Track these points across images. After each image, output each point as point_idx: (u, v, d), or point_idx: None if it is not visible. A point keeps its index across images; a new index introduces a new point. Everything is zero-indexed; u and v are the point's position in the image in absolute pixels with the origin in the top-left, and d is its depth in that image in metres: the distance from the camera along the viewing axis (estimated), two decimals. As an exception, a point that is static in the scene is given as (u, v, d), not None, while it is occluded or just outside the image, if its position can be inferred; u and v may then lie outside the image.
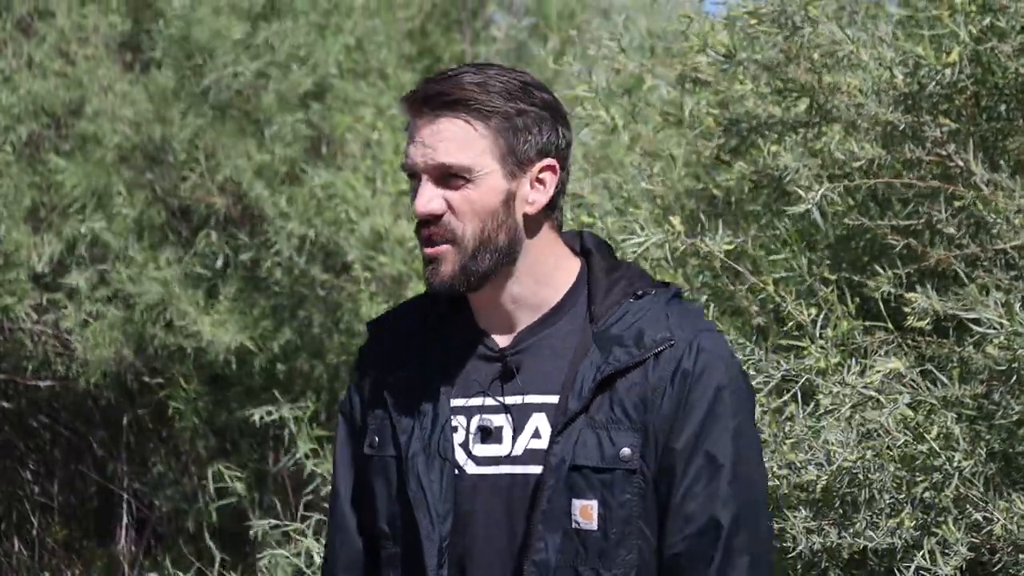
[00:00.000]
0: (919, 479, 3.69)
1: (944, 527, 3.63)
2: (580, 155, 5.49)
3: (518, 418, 2.63)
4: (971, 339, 3.79)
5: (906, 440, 3.70)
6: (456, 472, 2.64)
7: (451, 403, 2.66)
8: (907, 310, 3.85)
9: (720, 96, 4.60)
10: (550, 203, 2.66)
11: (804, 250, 4.22)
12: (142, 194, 7.27)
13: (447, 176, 2.61)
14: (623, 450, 2.59)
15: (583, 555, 2.59)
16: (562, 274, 2.69)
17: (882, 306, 3.99)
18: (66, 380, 7.60)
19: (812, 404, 3.80)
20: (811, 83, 4.28)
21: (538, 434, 2.62)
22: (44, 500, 8.13)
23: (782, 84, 4.38)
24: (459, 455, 2.65)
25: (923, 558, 3.61)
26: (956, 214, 4.05)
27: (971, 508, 3.67)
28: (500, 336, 2.68)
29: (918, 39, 4.17)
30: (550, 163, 2.65)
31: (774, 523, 3.72)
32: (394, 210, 6.85)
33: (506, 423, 2.64)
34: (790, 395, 3.82)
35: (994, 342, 3.65)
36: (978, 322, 3.67)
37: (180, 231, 7.43)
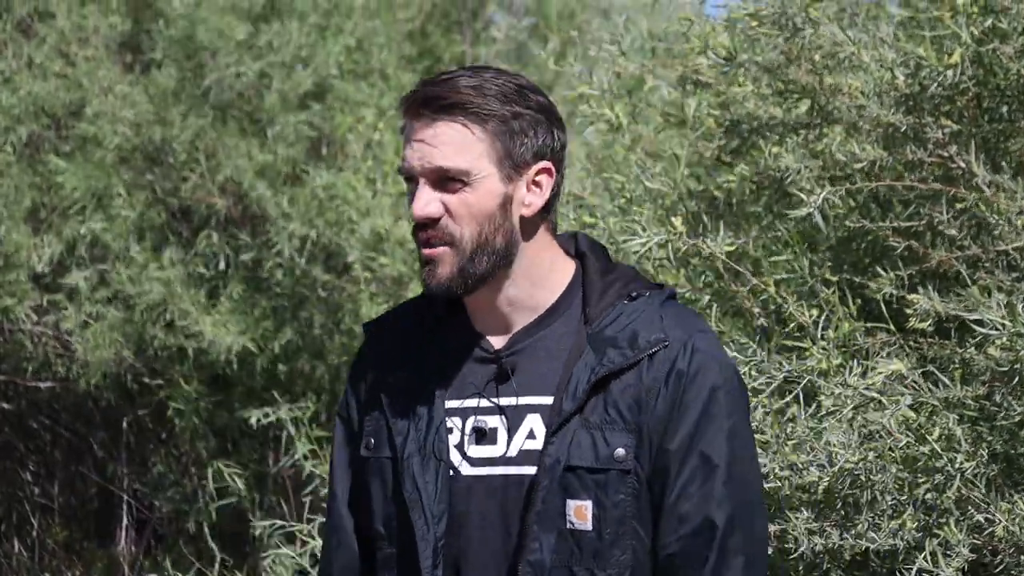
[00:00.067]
0: (921, 480, 3.69)
1: (946, 528, 3.63)
2: (583, 155, 5.50)
3: (513, 419, 2.64)
4: (973, 340, 3.79)
5: (908, 441, 3.70)
6: (451, 473, 2.65)
7: (446, 404, 2.67)
8: (909, 311, 3.85)
9: (721, 98, 4.60)
10: (546, 206, 2.67)
11: (806, 251, 4.22)
12: (142, 195, 7.26)
13: (444, 179, 2.62)
14: (617, 451, 2.59)
15: (578, 555, 2.60)
16: (557, 276, 2.69)
17: (884, 307, 3.99)
18: (66, 381, 7.59)
19: (814, 405, 3.80)
20: (812, 84, 4.28)
21: (533, 435, 2.63)
22: (44, 501, 8.13)
23: (783, 86, 4.38)
24: (454, 456, 2.65)
25: (925, 559, 3.61)
26: (958, 216, 4.05)
27: (973, 509, 3.67)
28: (495, 338, 2.69)
29: (919, 40, 4.17)
30: (546, 166, 2.66)
31: (773, 524, 3.73)
32: (395, 211, 6.85)
33: (501, 424, 2.65)
34: (792, 396, 3.82)
35: (996, 343, 3.65)
36: (980, 323, 3.67)
37: (180, 232, 7.43)
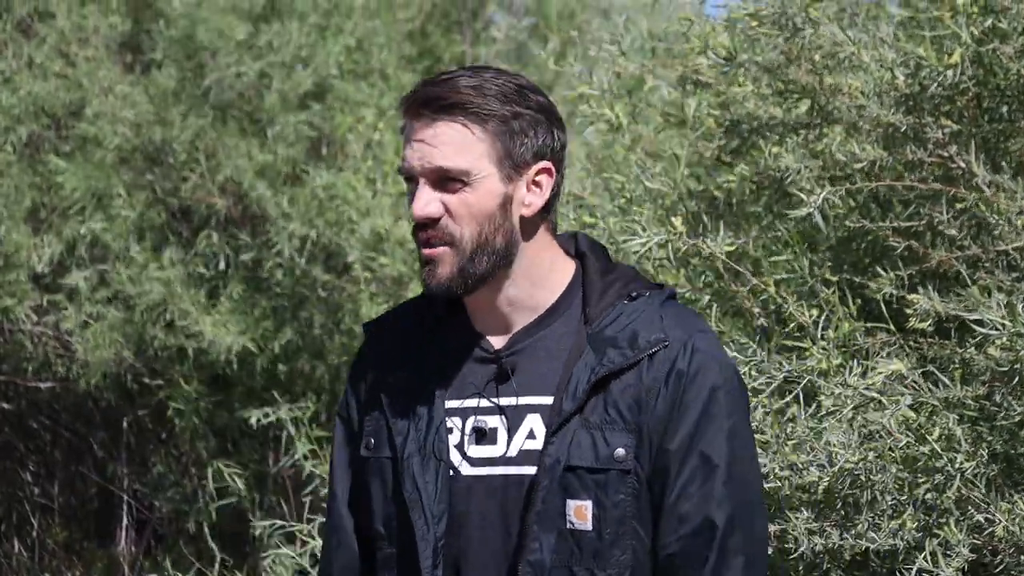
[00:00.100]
0: (921, 480, 3.69)
1: (946, 528, 3.63)
2: (583, 155, 5.49)
3: (512, 419, 2.64)
4: (973, 340, 3.79)
5: (908, 441, 3.70)
6: (451, 473, 2.65)
7: (446, 404, 2.67)
8: (909, 311, 3.85)
9: (721, 98, 4.60)
10: (546, 206, 2.67)
11: (805, 251, 4.22)
12: (142, 195, 7.26)
13: (444, 179, 2.62)
14: (617, 450, 2.59)
15: (578, 555, 2.60)
16: (557, 276, 2.69)
17: (884, 307, 3.99)
18: (66, 381, 7.59)
19: (814, 405, 3.80)
20: (812, 84, 4.28)
21: (533, 435, 2.63)
22: (44, 501, 8.13)
23: (783, 86, 4.38)
24: (454, 456, 2.65)
25: (925, 560, 3.61)
26: (958, 216, 4.05)
27: (973, 509, 3.67)
28: (495, 338, 2.69)
29: (919, 40, 4.16)
30: (546, 166, 2.66)
31: (773, 524, 3.73)
32: (395, 211, 6.85)
33: (501, 424, 2.65)
34: (792, 396, 3.82)
35: (996, 343, 3.65)
36: (981, 323, 3.67)
37: (180, 232, 7.43)
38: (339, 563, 2.77)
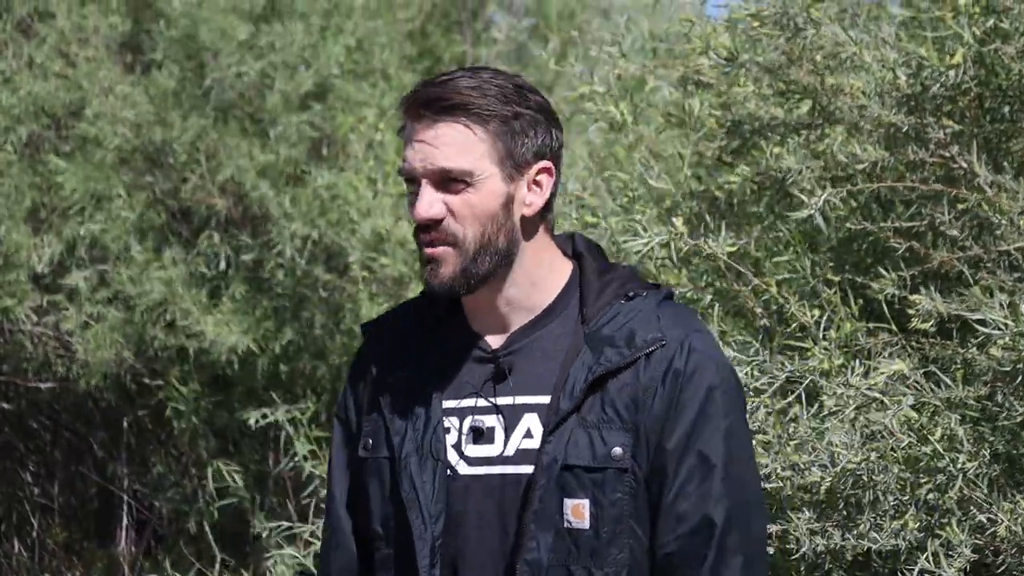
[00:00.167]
0: (923, 481, 3.69)
1: (948, 529, 3.63)
2: (586, 154, 5.49)
3: (510, 418, 2.64)
4: (975, 341, 3.79)
5: (910, 442, 3.70)
6: (448, 473, 2.65)
7: (444, 404, 2.67)
8: (911, 312, 3.85)
9: (722, 98, 4.60)
10: (545, 205, 2.68)
11: (807, 252, 4.22)
12: (142, 196, 7.25)
13: (447, 180, 2.62)
14: (614, 449, 2.60)
15: (575, 554, 2.60)
16: (555, 276, 2.70)
17: (885, 308, 3.99)
18: (66, 382, 7.59)
19: (816, 406, 3.80)
20: (813, 85, 4.28)
21: (530, 434, 2.63)
22: (44, 501, 8.12)
23: (784, 86, 4.38)
24: (451, 456, 2.66)
25: (927, 560, 3.61)
26: (960, 216, 4.05)
27: (975, 510, 3.67)
28: (493, 338, 2.69)
29: (921, 40, 4.16)
30: (546, 165, 2.67)
31: (775, 524, 3.73)
32: (395, 211, 6.85)
33: (498, 424, 2.65)
34: (794, 396, 3.82)
35: (998, 343, 3.65)
36: (983, 323, 3.67)
37: (180, 232, 7.43)
38: (337, 563, 2.77)
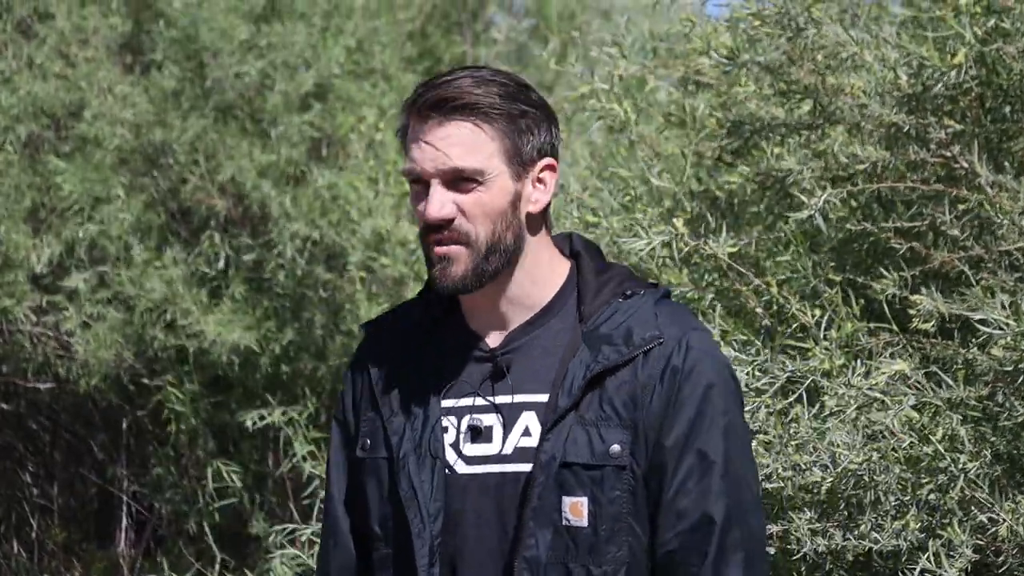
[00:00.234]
0: (924, 481, 3.69)
1: (949, 529, 3.62)
2: (587, 153, 5.49)
3: (508, 417, 2.65)
4: (976, 341, 3.79)
5: (911, 442, 3.69)
6: (447, 472, 2.65)
7: (442, 404, 2.68)
8: (912, 312, 3.85)
9: (723, 98, 4.60)
10: (547, 203, 2.69)
11: (808, 252, 4.22)
12: (141, 196, 7.25)
13: (457, 180, 2.62)
14: (613, 447, 2.60)
15: (573, 551, 2.60)
16: (554, 275, 2.71)
17: (886, 308, 3.99)
18: (66, 382, 7.58)
19: (817, 406, 3.80)
20: (814, 85, 4.27)
21: (528, 432, 2.64)
22: (44, 502, 8.11)
23: (785, 86, 4.38)
24: (449, 455, 2.66)
25: (928, 560, 3.61)
26: (961, 216, 4.05)
27: (976, 510, 3.66)
28: (491, 336, 2.69)
29: (922, 40, 4.16)
30: (550, 162, 2.68)
31: (776, 525, 3.73)
32: (396, 211, 6.85)
33: (496, 422, 2.65)
34: (795, 397, 3.81)
35: (999, 343, 3.65)
36: (984, 323, 3.67)
37: (180, 232, 7.42)
38: (336, 563, 2.77)
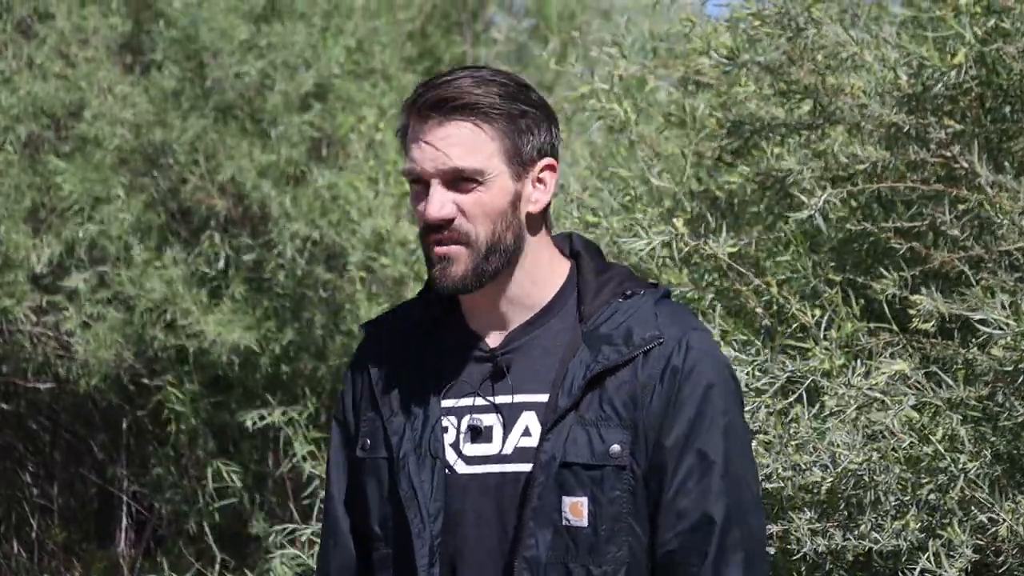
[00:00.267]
0: (924, 481, 3.69)
1: (949, 529, 3.62)
2: (587, 153, 5.48)
3: (508, 417, 2.65)
4: (976, 341, 3.79)
5: (911, 442, 3.69)
6: (447, 472, 2.65)
7: (442, 404, 2.68)
8: (912, 312, 3.85)
9: (723, 98, 4.60)
10: (547, 203, 2.69)
11: (808, 252, 4.22)
12: (141, 197, 7.25)
13: (457, 180, 2.62)
14: (613, 447, 2.60)
15: (573, 551, 2.60)
16: (554, 275, 2.71)
17: (886, 308, 3.99)
18: (66, 383, 7.58)
19: (817, 406, 3.80)
20: (814, 85, 4.27)
21: (528, 432, 2.64)
22: (44, 502, 8.11)
23: (785, 86, 4.38)
24: (449, 455, 2.66)
25: (928, 560, 3.61)
26: (961, 216, 4.05)
27: (976, 510, 3.66)
28: (491, 336, 2.69)
29: (922, 40, 4.16)
30: (550, 162, 2.68)
31: (776, 525, 3.73)
32: (396, 212, 6.85)
33: (496, 422, 2.65)
34: (795, 397, 3.81)
35: (1000, 343, 3.65)
36: (984, 323, 3.67)
37: (180, 232, 7.42)
38: (336, 563, 2.77)
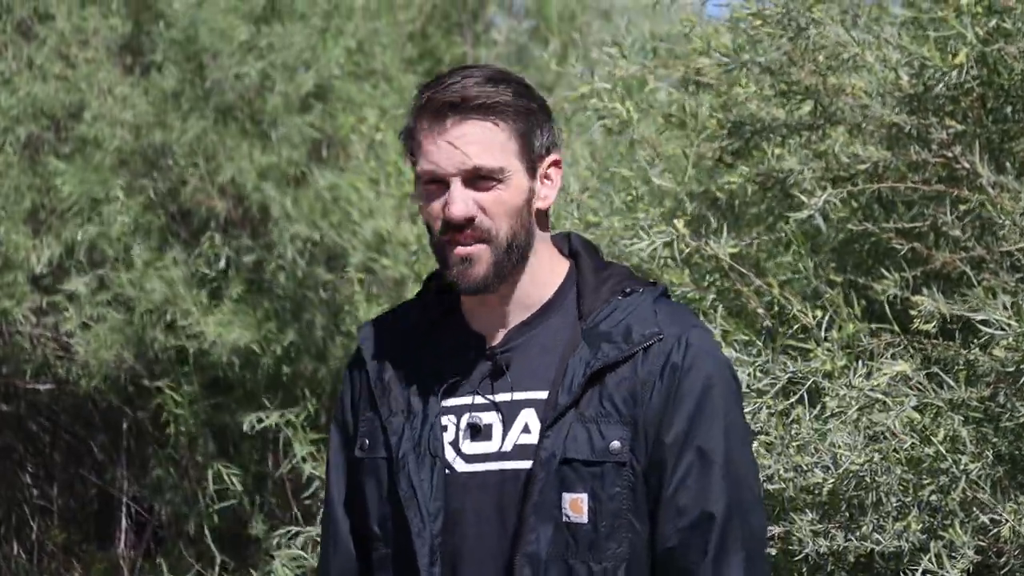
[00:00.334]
0: (926, 482, 3.69)
1: (951, 530, 3.62)
2: (587, 153, 5.48)
3: (508, 414, 2.64)
4: (977, 342, 3.79)
5: (913, 443, 3.69)
6: (446, 471, 2.65)
7: (441, 403, 2.67)
8: (913, 313, 3.84)
9: (723, 98, 4.59)
10: None
11: (809, 252, 4.22)
12: (141, 198, 7.24)
13: (477, 178, 2.62)
14: (613, 443, 2.60)
15: (573, 548, 2.60)
16: (554, 274, 2.71)
17: (888, 309, 3.99)
18: (66, 384, 7.58)
19: (818, 407, 3.79)
20: (815, 85, 4.27)
21: (528, 429, 2.63)
22: (43, 504, 8.11)
23: (786, 86, 4.37)
24: (448, 453, 2.66)
25: (930, 561, 3.61)
26: (962, 217, 4.04)
27: (978, 511, 3.66)
28: (491, 335, 2.69)
29: (923, 41, 4.16)
30: (556, 158, 2.69)
31: (777, 526, 3.73)
32: (396, 213, 6.84)
33: (496, 420, 2.65)
34: (796, 397, 3.81)
35: (1001, 344, 3.65)
36: (986, 324, 3.66)
37: (180, 234, 7.42)
38: (336, 564, 2.77)
